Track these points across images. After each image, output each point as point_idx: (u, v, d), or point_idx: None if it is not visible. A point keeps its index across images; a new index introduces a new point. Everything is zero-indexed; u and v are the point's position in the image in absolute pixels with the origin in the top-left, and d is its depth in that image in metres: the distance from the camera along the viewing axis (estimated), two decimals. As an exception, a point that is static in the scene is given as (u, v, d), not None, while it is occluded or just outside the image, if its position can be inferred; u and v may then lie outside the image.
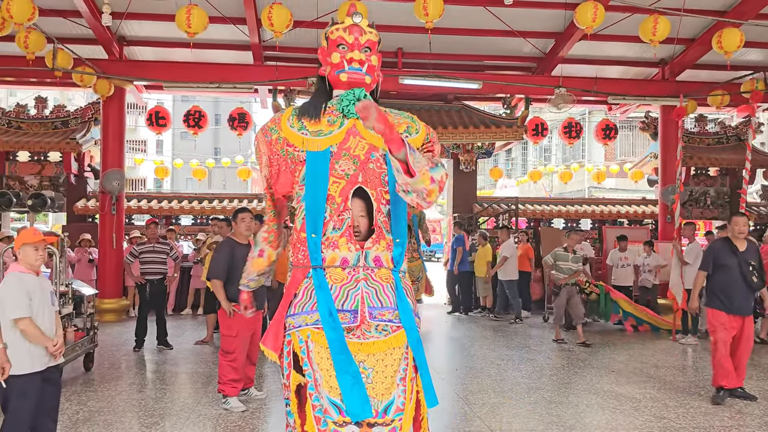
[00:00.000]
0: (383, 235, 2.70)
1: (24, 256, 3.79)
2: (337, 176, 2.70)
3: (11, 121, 13.01)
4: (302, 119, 2.80)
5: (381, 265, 2.68)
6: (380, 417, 2.50)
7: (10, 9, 7.60)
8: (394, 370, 2.58)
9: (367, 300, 2.61)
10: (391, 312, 2.62)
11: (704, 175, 14.49)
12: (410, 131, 2.84)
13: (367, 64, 2.81)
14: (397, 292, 2.67)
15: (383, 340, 2.59)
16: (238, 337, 5.57)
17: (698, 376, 7.16)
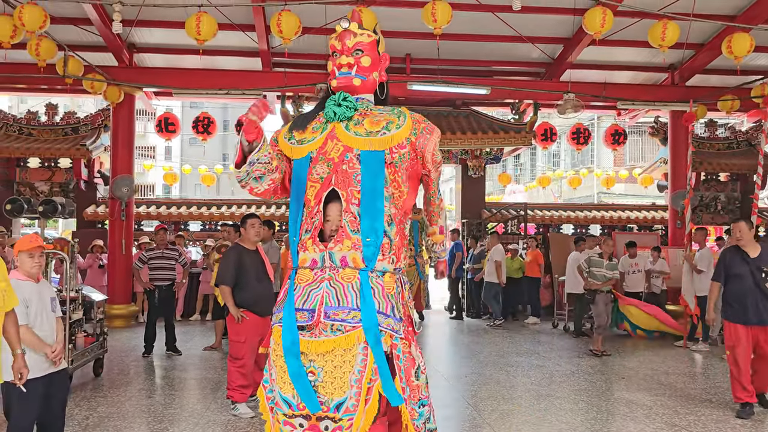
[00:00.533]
0: (348, 235, 2.70)
1: (20, 264, 3.79)
2: (313, 180, 2.79)
3: (22, 128, 13.12)
4: (292, 130, 2.93)
5: (346, 265, 2.69)
6: (331, 412, 2.57)
7: (22, 17, 7.68)
8: (345, 371, 2.59)
9: (326, 299, 2.65)
10: (346, 312, 2.62)
11: (715, 180, 14.41)
12: (389, 128, 2.81)
13: (356, 66, 2.86)
14: (362, 292, 2.64)
15: (334, 339, 2.60)
16: (247, 343, 5.57)
17: (709, 383, 7.09)
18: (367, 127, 2.81)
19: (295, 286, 2.72)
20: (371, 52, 2.91)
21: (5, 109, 14.85)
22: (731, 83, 11.83)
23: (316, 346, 2.61)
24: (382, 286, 2.69)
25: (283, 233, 12.12)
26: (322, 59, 10.92)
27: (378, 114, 2.86)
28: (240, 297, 5.58)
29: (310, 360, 2.61)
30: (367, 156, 2.75)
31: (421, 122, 2.85)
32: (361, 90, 2.90)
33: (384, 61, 3.01)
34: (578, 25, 9.58)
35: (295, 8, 8.38)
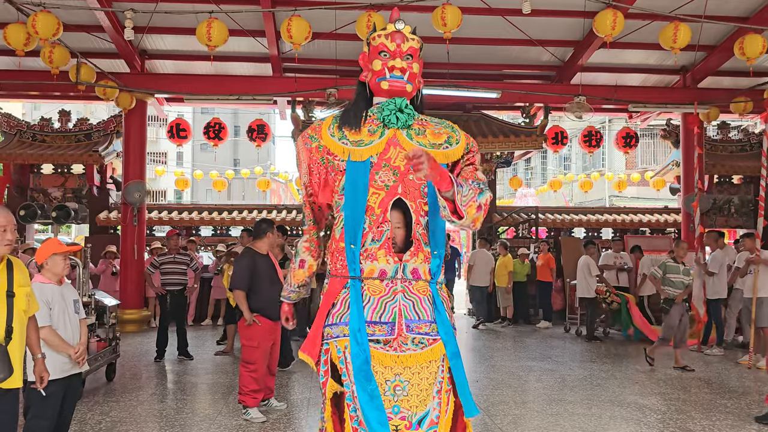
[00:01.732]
0: (421, 248, 2.67)
1: (53, 266, 3.89)
2: (377, 187, 2.67)
3: (36, 135, 13.23)
4: (343, 128, 2.77)
5: (419, 278, 2.67)
6: (413, 428, 2.51)
7: (36, 25, 7.77)
8: (430, 383, 2.57)
9: (404, 312, 2.60)
10: (428, 325, 2.61)
11: (728, 183, 14.28)
12: (450, 141, 2.79)
13: (408, 71, 2.76)
14: (435, 305, 2.65)
15: (420, 353, 2.58)
16: (260, 348, 5.58)
17: (724, 388, 7.02)
18: (431, 139, 2.76)
19: (367, 298, 2.61)
20: (419, 59, 2.86)
21: (19, 116, 15.00)
22: (744, 85, 11.76)
23: (403, 360, 2.56)
24: (445, 298, 2.73)
25: (294, 239, 12.13)
26: (332, 64, 10.95)
27: (434, 126, 2.83)
28: (253, 301, 5.59)
29: (396, 374, 2.55)
30: None
31: (470, 138, 2.87)
32: (410, 96, 2.82)
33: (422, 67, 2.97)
34: (589, 27, 9.56)
35: (305, 14, 8.42)
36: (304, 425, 5.51)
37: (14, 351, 3.06)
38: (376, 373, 2.54)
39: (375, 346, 2.56)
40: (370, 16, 8.04)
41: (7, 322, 3.03)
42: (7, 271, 3.08)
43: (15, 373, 3.05)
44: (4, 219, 3.06)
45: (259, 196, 33.52)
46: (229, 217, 13.86)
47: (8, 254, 3.16)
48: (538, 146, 12.67)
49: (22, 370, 3.13)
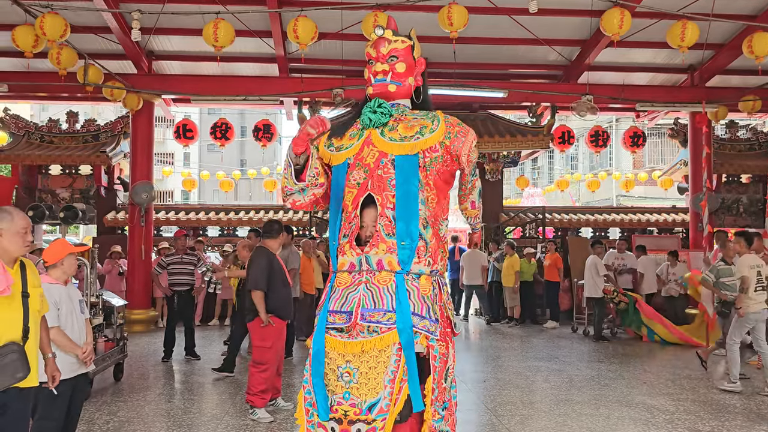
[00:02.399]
0: (383, 239, 2.75)
1: (68, 266, 3.95)
2: (351, 186, 2.86)
3: (44, 136, 13.31)
4: (331, 138, 2.99)
5: (383, 268, 2.75)
6: (363, 414, 2.59)
7: (44, 26, 7.81)
8: (380, 372, 2.63)
9: (363, 302, 2.70)
10: (382, 314, 2.67)
11: (736, 182, 14.20)
12: (423, 132, 2.84)
13: (391, 72, 2.91)
14: (397, 295, 2.69)
15: (370, 340, 2.65)
16: (273, 348, 5.59)
17: (734, 388, 6.97)
18: (402, 132, 2.85)
19: (334, 289, 2.79)
20: (406, 57, 2.95)
21: (27, 117, 15.08)
22: (752, 83, 11.68)
23: (352, 347, 2.66)
24: (417, 288, 2.74)
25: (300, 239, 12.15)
26: (339, 65, 10.96)
27: (412, 119, 2.91)
28: (270, 301, 5.58)
29: (347, 360, 2.66)
30: (401, 160, 2.80)
31: (455, 125, 2.89)
32: (397, 96, 2.95)
33: (419, 65, 3.04)
34: (596, 26, 9.52)
35: (311, 14, 8.42)
36: (311, 425, 5.50)
37: (31, 350, 3.13)
38: (330, 359, 2.70)
39: (334, 334, 2.72)
40: (376, 16, 8.03)
41: (24, 322, 3.09)
42: (21, 272, 3.14)
43: (31, 372, 3.11)
44: (26, 221, 3.15)
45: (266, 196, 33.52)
46: (236, 218, 13.89)
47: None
48: (545, 146, 12.64)
49: (37, 369, 3.18)
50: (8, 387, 2.99)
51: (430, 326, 2.70)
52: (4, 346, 2.98)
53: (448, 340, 2.81)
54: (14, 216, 3.09)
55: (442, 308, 2.83)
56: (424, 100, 3.08)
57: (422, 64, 3.06)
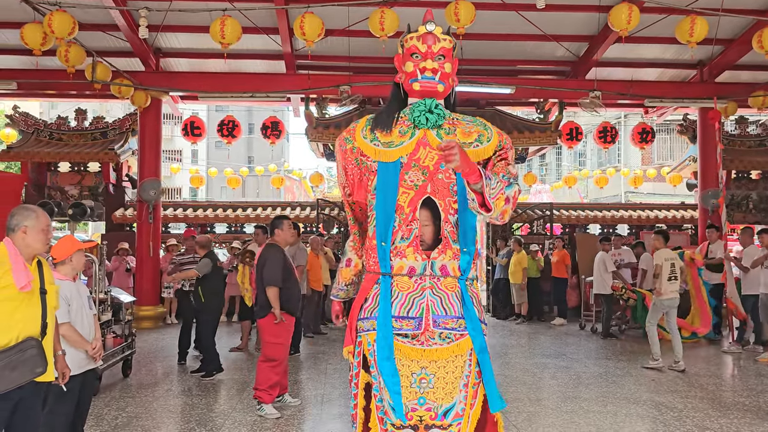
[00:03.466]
0: (449, 245, 2.71)
1: (77, 262, 4.00)
2: (407, 187, 2.75)
3: (53, 133, 13.38)
4: (375, 130, 2.87)
5: (447, 274, 2.71)
6: (438, 419, 2.60)
7: (52, 24, 7.84)
8: (456, 377, 2.65)
9: (431, 308, 2.67)
10: (454, 320, 2.67)
11: (746, 178, 14.10)
12: (481, 140, 2.82)
13: (440, 72, 2.83)
14: (463, 301, 2.70)
15: (445, 347, 2.65)
16: (284, 345, 5.62)
17: (742, 385, 6.95)
18: (461, 138, 2.80)
19: (395, 294, 2.71)
20: (452, 58, 2.91)
21: (36, 115, 15.17)
22: (762, 79, 11.59)
23: (429, 354, 2.65)
24: (476, 294, 2.78)
25: (308, 235, 12.17)
26: (345, 61, 10.95)
27: (466, 124, 2.87)
28: (283, 297, 5.60)
29: (422, 367, 2.65)
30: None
31: (503, 135, 2.89)
32: (442, 96, 2.89)
33: (456, 66, 2.99)
34: (604, 22, 9.47)
35: (318, 11, 8.42)
36: (317, 421, 5.53)
37: (47, 346, 3.20)
38: (403, 366, 2.64)
39: (402, 340, 2.66)
40: (383, 13, 8.02)
41: (42, 318, 3.17)
42: (38, 269, 3.22)
43: (48, 368, 3.18)
44: (49, 220, 3.25)
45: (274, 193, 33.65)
46: (243, 215, 13.92)
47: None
48: (553, 142, 12.58)
49: (52, 365, 3.25)
50: (26, 382, 3.05)
51: (485, 330, 2.75)
52: (23, 341, 3.05)
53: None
54: (39, 214, 3.18)
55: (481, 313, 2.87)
56: (454, 101, 3.04)
57: (457, 65, 3.01)
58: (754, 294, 8.83)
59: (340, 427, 5.35)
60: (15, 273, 3.02)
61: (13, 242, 3.11)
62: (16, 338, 3.04)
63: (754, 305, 8.86)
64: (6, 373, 2.97)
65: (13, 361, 2.99)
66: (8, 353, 2.99)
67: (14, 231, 3.12)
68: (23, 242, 3.12)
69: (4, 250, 3.08)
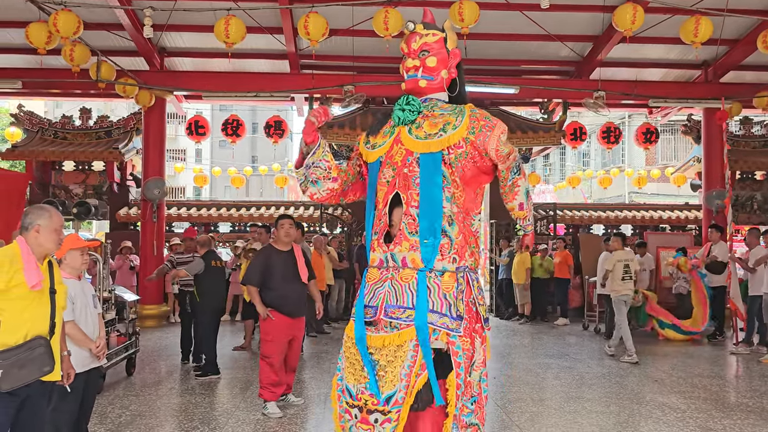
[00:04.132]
0: (406, 237, 2.79)
1: (71, 260, 3.98)
2: (381, 184, 2.92)
3: (57, 132, 13.42)
4: (369, 135, 3.07)
5: (406, 266, 2.79)
6: (381, 405, 2.69)
7: (57, 23, 7.87)
8: (397, 365, 2.70)
9: (387, 298, 2.78)
10: (402, 310, 2.74)
11: (750, 179, 14.07)
12: (446, 129, 2.82)
13: (422, 67, 2.91)
14: (418, 292, 2.73)
15: (389, 335, 2.74)
16: (274, 342, 5.61)
17: (746, 386, 6.93)
18: (426, 130, 2.84)
19: (366, 284, 2.89)
20: (438, 51, 2.93)
21: (41, 114, 15.21)
22: (767, 79, 11.55)
23: (374, 341, 2.76)
24: (438, 285, 2.76)
25: (311, 235, 12.19)
26: (349, 61, 10.96)
27: (438, 115, 2.88)
28: (267, 297, 5.63)
29: (371, 353, 2.76)
30: (425, 158, 2.81)
31: (481, 119, 2.84)
32: (429, 90, 2.94)
33: (454, 57, 3.00)
34: (608, 22, 9.45)
35: (322, 10, 8.43)
36: (320, 420, 5.53)
37: (55, 345, 3.22)
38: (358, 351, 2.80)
39: (368, 327, 2.82)
40: (387, 13, 8.03)
41: (51, 318, 3.19)
42: (49, 269, 3.24)
43: (55, 367, 3.20)
44: (61, 220, 3.27)
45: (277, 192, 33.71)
46: (247, 214, 13.94)
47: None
48: (557, 142, 12.59)
49: (59, 364, 3.27)
50: (34, 380, 3.08)
51: (450, 323, 2.73)
52: (32, 339, 3.08)
53: (474, 336, 2.84)
54: (52, 214, 3.21)
55: (471, 304, 2.84)
56: (459, 92, 3.05)
57: (457, 56, 3.02)
58: (760, 295, 8.81)
59: (343, 426, 5.35)
60: (27, 272, 3.04)
61: (26, 241, 3.13)
62: (25, 337, 3.06)
63: (760, 306, 8.84)
64: (14, 370, 2.99)
65: (21, 359, 3.01)
66: (17, 351, 3.01)
67: (27, 230, 3.14)
68: (36, 241, 3.14)
69: (17, 248, 3.11)
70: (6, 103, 25.13)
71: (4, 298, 3.01)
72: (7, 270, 3.00)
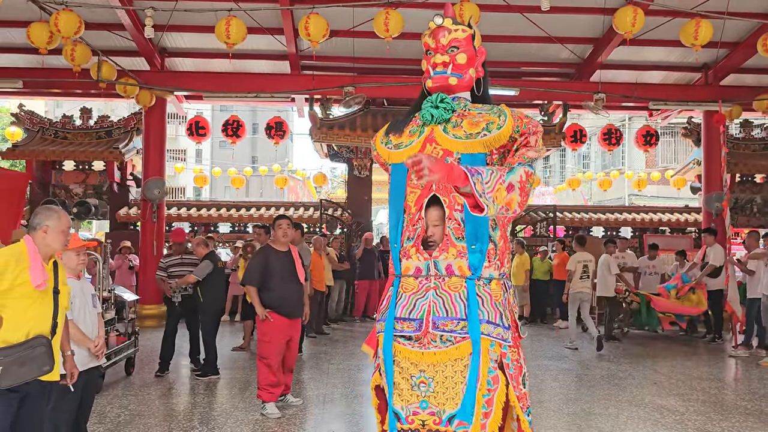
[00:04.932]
0: (453, 243, 2.60)
1: (67, 261, 3.96)
2: (413, 186, 2.70)
3: (58, 132, 13.44)
4: (389, 134, 2.86)
5: (452, 274, 2.60)
6: (443, 425, 2.50)
7: (58, 23, 7.87)
8: (458, 381, 2.52)
9: (433, 309, 2.58)
10: (455, 322, 2.54)
11: (750, 182, 14.09)
12: (490, 128, 2.64)
13: (451, 64, 2.75)
14: (469, 302, 2.56)
15: (443, 350, 2.54)
16: (272, 343, 5.62)
17: (744, 389, 6.93)
18: (467, 129, 2.67)
19: (399, 295, 2.67)
20: (467, 48, 2.78)
21: (41, 114, 15.22)
22: (767, 82, 11.56)
23: (427, 357, 2.56)
24: (489, 294, 2.59)
25: (311, 236, 12.20)
26: (350, 62, 10.97)
27: (477, 114, 2.72)
28: (265, 297, 5.63)
29: (421, 370, 2.57)
30: (468, 159, 2.60)
31: (524, 118, 2.67)
32: (458, 89, 2.79)
33: (480, 55, 2.85)
34: (608, 24, 9.46)
35: (323, 11, 8.44)
36: (319, 421, 5.54)
37: (56, 345, 3.24)
38: (402, 368, 2.59)
39: (404, 342, 2.61)
40: (387, 14, 8.03)
41: (53, 317, 3.21)
42: (54, 269, 3.26)
43: (55, 367, 3.21)
44: (68, 221, 3.29)
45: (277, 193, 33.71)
46: (247, 214, 13.95)
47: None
48: (557, 144, 12.59)
49: (59, 364, 3.29)
50: (33, 378, 3.09)
51: (503, 333, 2.58)
52: (34, 338, 3.10)
53: (519, 346, 2.70)
54: (60, 215, 3.24)
55: (511, 312, 2.68)
56: (484, 92, 2.89)
57: (483, 54, 2.87)
58: (758, 297, 8.82)
59: (341, 427, 5.36)
60: (32, 271, 3.07)
61: (33, 240, 3.16)
62: (26, 335, 3.08)
63: (758, 309, 8.84)
64: (15, 368, 3.01)
65: (22, 357, 3.04)
66: (18, 349, 3.04)
67: (35, 230, 3.17)
68: (43, 241, 3.17)
69: (24, 247, 3.13)
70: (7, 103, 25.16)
71: (8, 296, 3.03)
72: (12, 269, 3.03)
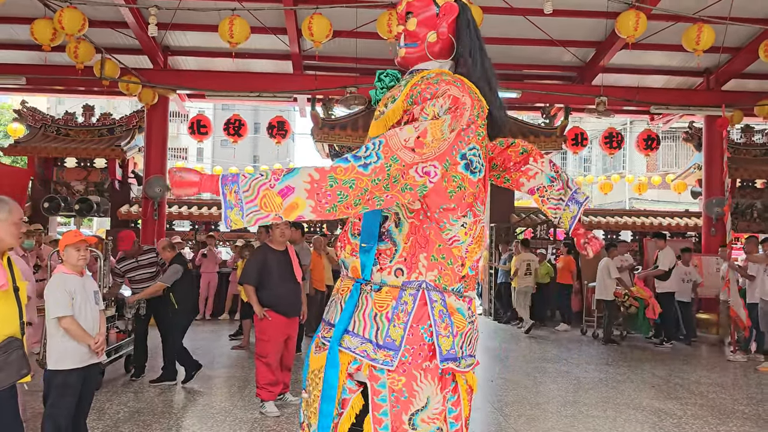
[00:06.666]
0: (348, 240, 2.20)
1: (67, 257, 3.96)
2: None
3: (60, 129, 13.46)
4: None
5: (347, 275, 2.23)
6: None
7: (62, 20, 7.90)
8: (316, 395, 2.15)
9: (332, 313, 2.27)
10: (328, 329, 2.19)
11: (751, 187, 14.09)
12: (387, 105, 2.21)
13: (403, 34, 2.27)
14: (345, 307, 2.14)
15: (315, 358, 2.19)
16: (270, 342, 5.63)
17: (742, 393, 6.94)
18: (379, 110, 2.28)
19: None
20: (421, 9, 2.23)
21: (44, 110, 15.24)
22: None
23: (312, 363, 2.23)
24: (368, 303, 2.10)
25: (312, 235, 12.22)
26: (353, 62, 10.99)
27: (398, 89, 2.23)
28: (263, 296, 5.65)
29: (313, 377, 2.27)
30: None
31: (420, 84, 2.10)
32: (413, 61, 2.26)
33: (446, 13, 2.23)
34: (611, 28, 9.49)
35: (326, 12, 8.47)
36: (318, 420, 5.54)
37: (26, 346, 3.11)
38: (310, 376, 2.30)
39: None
40: (390, 15, 8.06)
41: (20, 317, 3.06)
42: (9, 266, 3.08)
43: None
44: (21, 213, 3.07)
45: (278, 192, 33.63)
46: (247, 213, 13.94)
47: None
48: (558, 147, 12.59)
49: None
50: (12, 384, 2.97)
51: (373, 352, 2.04)
52: (7, 342, 2.93)
53: (418, 375, 2.04)
54: (12, 207, 3.02)
55: (423, 333, 2.05)
56: (457, 52, 2.26)
57: (451, 11, 2.23)
58: (756, 303, 8.83)
59: (339, 427, 5.37)
60: None
61: None
62: None
63: (757, 314, 8.86)
64: None
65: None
66: None
67: None
68: None
69: None
70: (9, 99, 25.18)
71: None
72: None
